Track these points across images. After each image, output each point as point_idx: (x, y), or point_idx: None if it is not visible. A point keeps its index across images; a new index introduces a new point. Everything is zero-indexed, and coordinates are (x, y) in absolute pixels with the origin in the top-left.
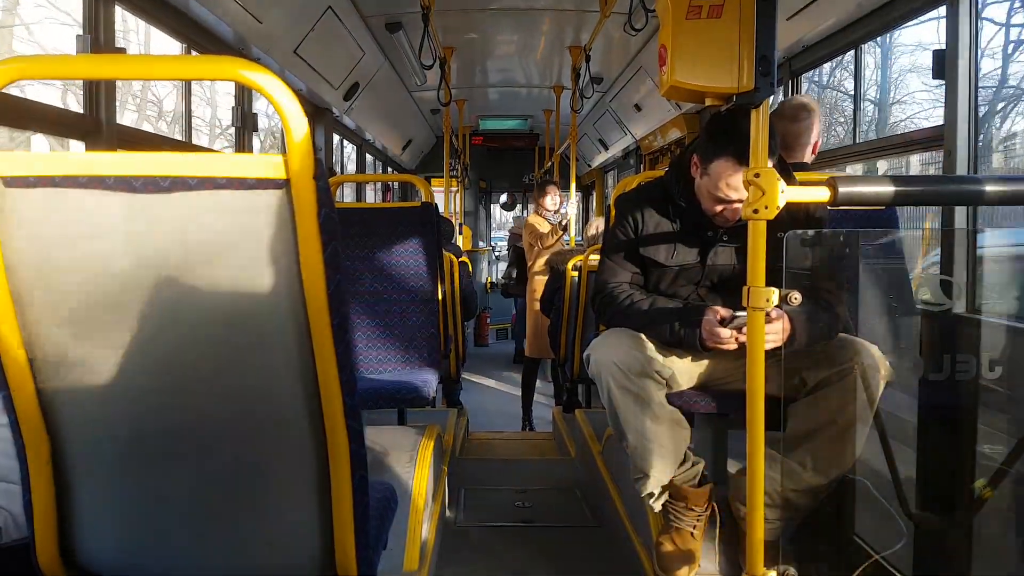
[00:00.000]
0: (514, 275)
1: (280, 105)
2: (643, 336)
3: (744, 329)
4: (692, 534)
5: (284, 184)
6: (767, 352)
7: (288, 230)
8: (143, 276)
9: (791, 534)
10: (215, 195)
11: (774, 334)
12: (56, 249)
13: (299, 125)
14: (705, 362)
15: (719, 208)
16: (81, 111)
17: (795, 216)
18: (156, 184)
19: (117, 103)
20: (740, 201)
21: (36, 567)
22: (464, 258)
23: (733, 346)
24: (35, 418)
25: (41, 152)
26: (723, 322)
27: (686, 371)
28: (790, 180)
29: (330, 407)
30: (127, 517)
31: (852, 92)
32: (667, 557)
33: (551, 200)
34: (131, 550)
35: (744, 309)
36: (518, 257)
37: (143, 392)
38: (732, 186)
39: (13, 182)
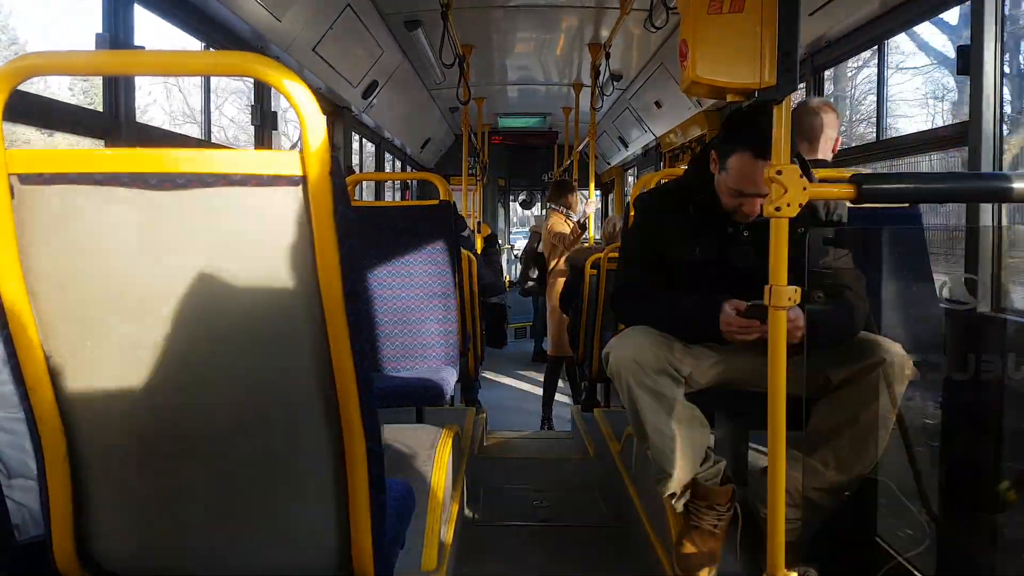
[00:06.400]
0: (534, 275)
1: (297, 102)
2: (661, 334)
3: (764, 319)
4: (714, 534)
5: (300, 181)
6: (789, 351)
7: (304, 227)
8: (159, 273)
9: (812, 535)
10: (231, 192)
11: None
12: (72, 246)
13: (316, 123)
14: (725, 361)
15: (738, 203)
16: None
17: (815, 212)
18: (172, 181)
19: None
20: (758, 195)
21: (53, 565)
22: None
23: (753, 336)
24: (52, 415)
25: (57, 149)
26: (740, 313)
27: (705, 369)
28: (809, 176)
29: (346, 406)
30: (143, 515)
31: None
32: (688, 557)
33: (577, 201)
34: (147, 548)
35: (760, 303)
36: (533, 257)
37: (159, 390)
38: (750, 180)
39: (29, 179)
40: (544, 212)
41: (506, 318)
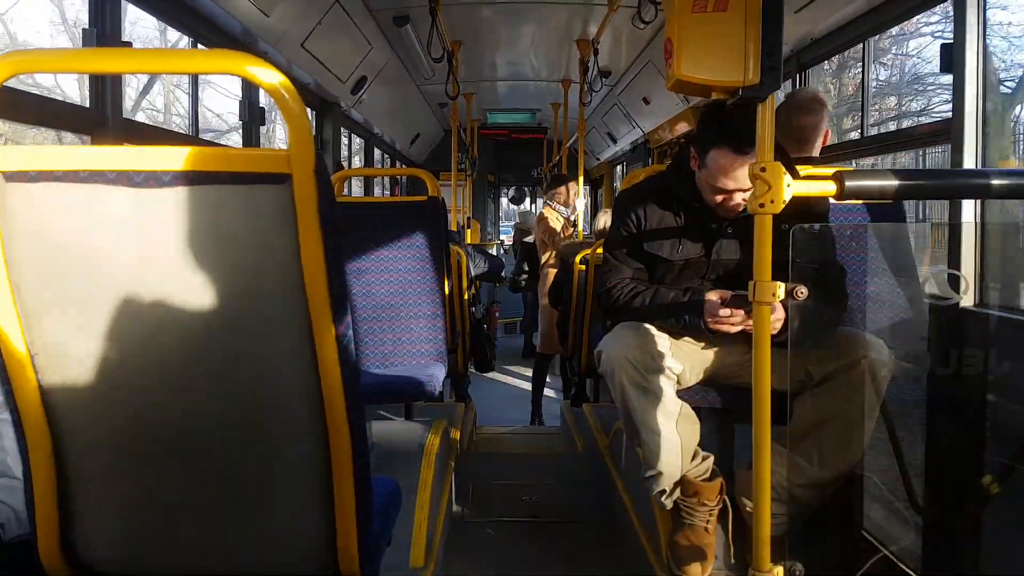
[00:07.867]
0: (526, 269)
1: (281, 99)
2: (653, 332)
3: (748, 310)
4: (706, 529)
5: (286, 178)
6: (773, 346)
7: (290, 225)
8: (144, 271)
9: (798, 529)
10: (216, 190)
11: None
12: (57, 244)
13: (300, 119)
14: (712, 357)
15: (719, 199)
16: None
17: (798, 209)
18: (157, 179)
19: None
20: (740, 191)
21: (38, 564)
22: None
23: (736, 328)
24: (37, 414)
25: (41, 146)
26: (724, 304)
27: (693, 367)
28: (793, 173)
29: (332, 403)
30: (129, 514)
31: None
32: (682, 553)
33: (571, 196)
34: (133, 547)
35: (744, 293)
36: (527, 253)
37: (144, 388)
38: (730, 176)
39: (14, 176)
40: (531, 208)
41: (491, 339)
